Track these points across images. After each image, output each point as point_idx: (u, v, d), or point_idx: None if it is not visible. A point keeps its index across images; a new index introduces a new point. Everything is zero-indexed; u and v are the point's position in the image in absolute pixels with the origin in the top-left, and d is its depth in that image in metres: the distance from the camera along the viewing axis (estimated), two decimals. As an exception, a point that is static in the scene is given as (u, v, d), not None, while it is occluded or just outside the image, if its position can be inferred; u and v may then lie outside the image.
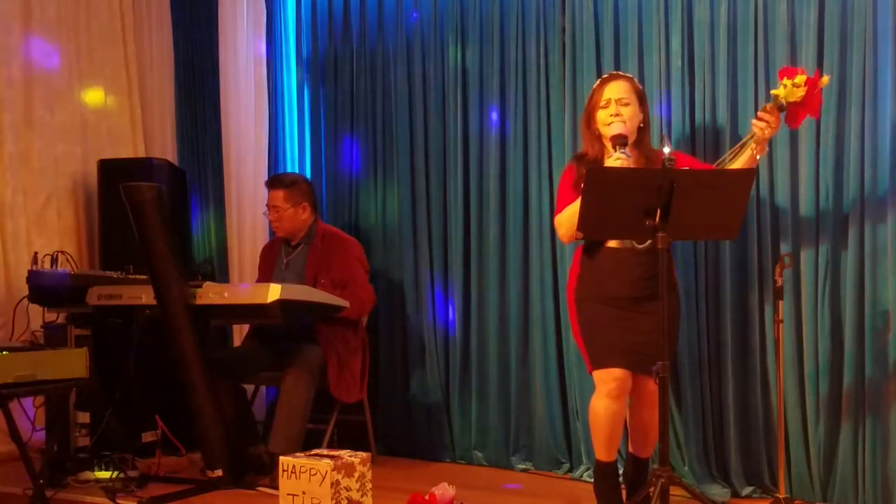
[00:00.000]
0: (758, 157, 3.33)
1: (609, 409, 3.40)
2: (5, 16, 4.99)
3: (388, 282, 4.83)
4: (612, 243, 3.46)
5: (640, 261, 3.39)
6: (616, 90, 3.48)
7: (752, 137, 3.31)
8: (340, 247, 4.52)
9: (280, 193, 4.49)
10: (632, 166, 3.36)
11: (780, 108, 3.26)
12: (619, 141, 3.37)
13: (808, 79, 3.24)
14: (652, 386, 3.27)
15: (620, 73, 3.67)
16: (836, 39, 3.72)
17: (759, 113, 3.29)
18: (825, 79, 3.30)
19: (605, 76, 3.62)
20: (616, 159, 3.33)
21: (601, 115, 3.49)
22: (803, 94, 3.23)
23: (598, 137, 3.51)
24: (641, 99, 3.53)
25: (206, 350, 4.11)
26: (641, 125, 3.51)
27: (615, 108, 3.45)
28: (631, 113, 3.46)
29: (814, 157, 3.78)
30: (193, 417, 4.07)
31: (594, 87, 3.58)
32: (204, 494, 3.98)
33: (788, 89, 3.23)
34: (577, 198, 3.33)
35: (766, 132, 3.28)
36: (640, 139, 3.51)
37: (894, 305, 3.59)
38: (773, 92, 3.28)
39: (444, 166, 4.69)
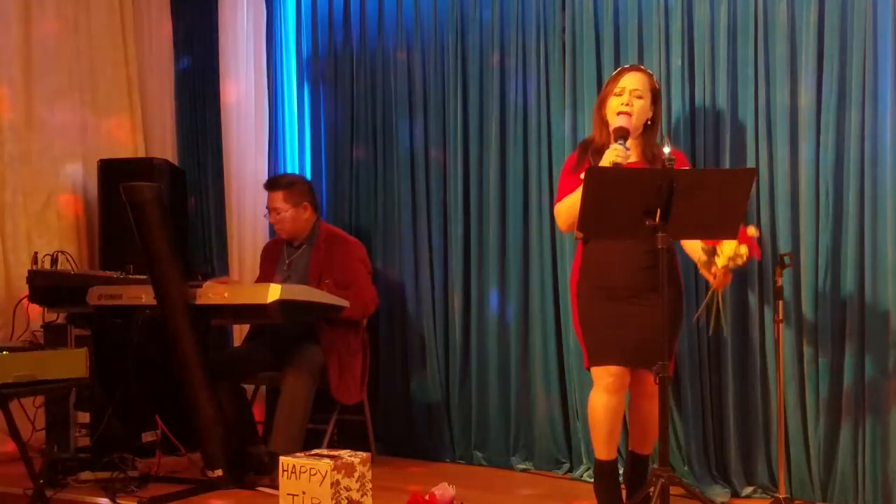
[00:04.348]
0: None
1: (608, 404, 3.41)
2: (5, 16, 4.98)
3: (388, 282, 4.83)
4: None
5: (642, 250, 3.37)
6: (633, 81, 3.48)
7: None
8: (343, 247, 4.52)
9: (279, 194, 4.48)
10: (631, 161, 3.35)
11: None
12: (620, 134, 3.35)
13: (747, 244, 3.24)
14: (651, 377, 3.25)
15: (643, 67, 3.67)
16: (836, 39, 3.72)
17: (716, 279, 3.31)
18: (751, 229, 3.28)
19: (626, 66, 3.62)
20: (613, 150, 3.29)
21: (612, 102, 3.48)
22: (745, 251, 3.23)
23: (607, 124, 3.49)
24: (655, 97, 3.53)
25: (206, 350, 4.11)
26: (649, 122, 3.51)
27: (627, 98, 3.45)
28: (641, 106, 3.47)
29: (814, 157, 3.78)
30: (193, 417, 4.07)
31: (613, 74, 3.59)
32: (204, 494, 3.97)
33: (734, 256, 3.23)
34: (576, 184, 3.33)
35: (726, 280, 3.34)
36: (646, 136, 3.51)
37: (894, 305, 3.59)
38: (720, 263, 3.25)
39: (445, 166, 4.69)
